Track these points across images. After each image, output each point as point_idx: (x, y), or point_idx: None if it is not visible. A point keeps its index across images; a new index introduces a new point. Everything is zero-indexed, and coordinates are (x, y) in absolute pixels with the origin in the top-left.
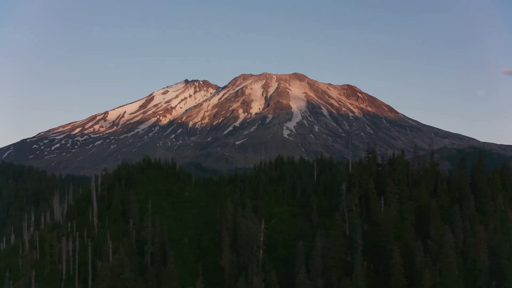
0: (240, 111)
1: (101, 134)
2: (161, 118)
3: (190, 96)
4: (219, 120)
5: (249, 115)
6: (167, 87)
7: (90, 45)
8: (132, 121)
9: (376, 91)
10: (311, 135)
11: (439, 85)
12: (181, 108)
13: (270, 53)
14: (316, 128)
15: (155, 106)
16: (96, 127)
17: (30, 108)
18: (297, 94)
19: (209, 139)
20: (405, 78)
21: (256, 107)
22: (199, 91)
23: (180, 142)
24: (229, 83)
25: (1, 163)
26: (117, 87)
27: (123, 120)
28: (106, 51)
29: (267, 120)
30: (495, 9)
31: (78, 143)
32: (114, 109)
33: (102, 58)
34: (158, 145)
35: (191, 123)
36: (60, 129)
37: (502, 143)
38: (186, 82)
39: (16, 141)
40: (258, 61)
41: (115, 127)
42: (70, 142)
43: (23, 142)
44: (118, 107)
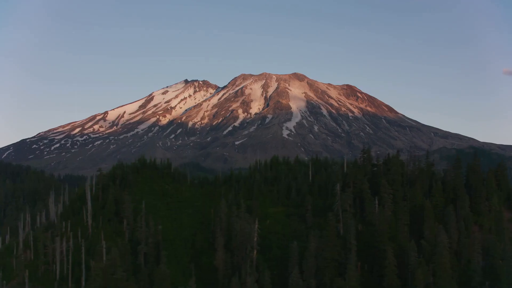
0: (240, 111)
1: (100, 134)
2: (160, 118)
3: (190, 96)
4: (219, 120)
5: (248, 115)
6: (167, 87)
7: (90, 45)
8: (132, 121)
9: (376, 91)
10: (311, 135)
11: (439, 85)
12: (180, 108)
13: (269, 53)
14: (315, 128)
15: (154, 106)
16: (96, 127)
17: (30, 108)
18: (296, 94)
19: (208, 139)
20: (404, 78)
21: (256, 107)
22: (199, 91)
23: (180, 142)
24: (228, 83)
25: None
26: (117, 87)
27: (122, 120)
28: (106, 51)
29: (267, 120)
30: (495, 9)
31: (78, 143)
32: (114, 109)
33: (102, 58)
34: (158, 145)
35: (190, 123)
36: (60, 129)
37: (501, 143)
38: (186, 82)
39: (16, 141)
40: (258, 61)
41: (115, 127)
42: (70, 142)
43: (23, 142)
44: (117, 107)
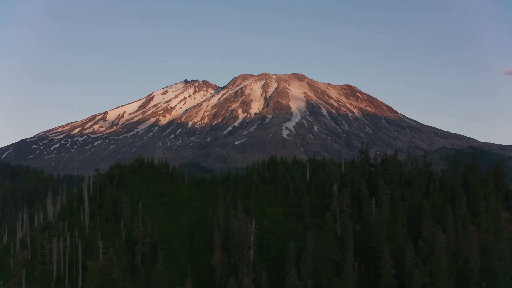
0: (240, 111)
1: (100, 134)
2: (160, 118)
3: (190, 96)
4: (219, 120)
5: (248, 115)
6: (167, 87)
7: (90, 45)
8: (132, 121)
9: (376, 91)
10: (311, 135)
11: (439, 85)
12: (180, 108)
13: (269, 53)
14: (315, 128)
15: (154, 106)
16: (96, 127)
17: (29, 108)
18: (296, 94)
19: (208, 139)
20: (404, 78)
21: (256, 107)
22: (199, 91)
23: (180, 142)
24: (228, 83)
25: None
26: (116, 87)
27: (122, 120)
28: (106, 51)
29: (267, 120)
30: (495, 9)
31: (78, 143)
32: (114, 109)
33: (102, 58)
34: (158, 145)
35: (190, 123)
36: (60, 129)
37: (501, 143)
38: (186, 82)
39: (16, 141)
40: (258, 61)
41: (115, 127)
42: (70, 142)
43: (23, 142)
44: (117, 107)
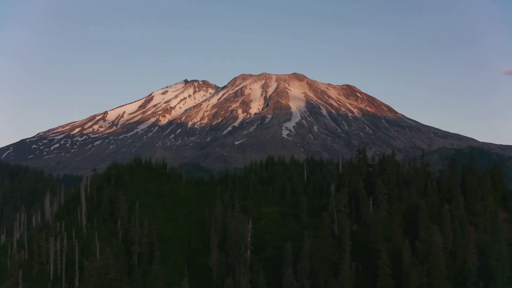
0: (239, 111)
1: (100, 134)
2: (160, 118)
3: (190, 96)
4: (218, 120)
5: (248, 115)
6: (167, 87)
7: (90, 45)
8: (132, 121)
9: (376, 91)
10: (310, 135)
11: (439, 85)
12: (180, 108)
13: (269, 53)
14: (315, 128)
15: (154, 106)
16: (96, 127)
17: (29, 108)
18: (296, 94)
19: (208, 139)
20: (404, 78)
21: (256, 107)
22: (199, 91)
23: (179, 142)
24: (228, 83)
25: None
26: (116, 87)
27: (122, 120)
28: (106, 51)
29: (266, 120)
30: (495, 9)
31: (77, 143)
32: (114, 109)
33: (102, 58)
34: (157, 145)
35: (190, 123)
36: (60, 129)
37: (501, 143)
38: (186, 82)
39: (16, 141)
40: (258, 61)
41: (114, 127)
42: (69, 142)
43: (23, 142)
44: (117, 107)
